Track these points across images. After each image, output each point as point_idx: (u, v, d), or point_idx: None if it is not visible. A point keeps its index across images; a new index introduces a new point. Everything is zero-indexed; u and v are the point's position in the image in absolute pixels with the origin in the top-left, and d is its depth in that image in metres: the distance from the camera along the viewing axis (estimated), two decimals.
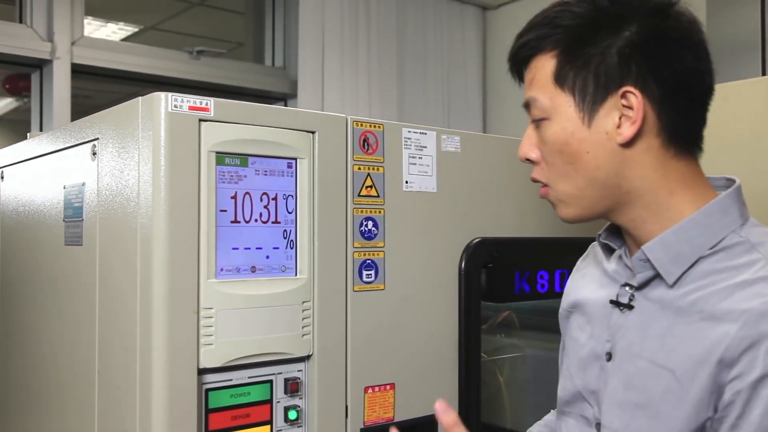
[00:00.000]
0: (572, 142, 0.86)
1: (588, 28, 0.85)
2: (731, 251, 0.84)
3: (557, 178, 0.89)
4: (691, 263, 0.84)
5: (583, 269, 1.06)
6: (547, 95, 0.88)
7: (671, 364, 0.83)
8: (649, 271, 0.88)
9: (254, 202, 1.10)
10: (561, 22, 0.87)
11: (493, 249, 1.38)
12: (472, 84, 3.91)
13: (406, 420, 1.27)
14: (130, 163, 1.07)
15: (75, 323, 1.26)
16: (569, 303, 1.05)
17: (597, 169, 0.86)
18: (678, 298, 0.85)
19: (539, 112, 0.89)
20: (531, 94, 0.89)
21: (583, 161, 0.86)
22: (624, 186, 0.87)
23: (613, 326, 0.93)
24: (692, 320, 0.83)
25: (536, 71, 0.89)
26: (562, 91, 0.87)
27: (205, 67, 3.26)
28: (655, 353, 0.85)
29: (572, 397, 0.99)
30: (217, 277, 1.06)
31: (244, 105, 1.10)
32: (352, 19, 3.45)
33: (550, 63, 0.88)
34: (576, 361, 1.00)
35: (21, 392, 1.51)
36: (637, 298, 0.90)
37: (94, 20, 4.00)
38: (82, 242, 1.23)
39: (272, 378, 1.12)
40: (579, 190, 0.88)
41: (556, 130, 0.87)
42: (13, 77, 3.61)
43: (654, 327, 0.87)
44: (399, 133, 1.29)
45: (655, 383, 0.84)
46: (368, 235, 1.23)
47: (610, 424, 0.88)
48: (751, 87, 1.80)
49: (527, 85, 0.91)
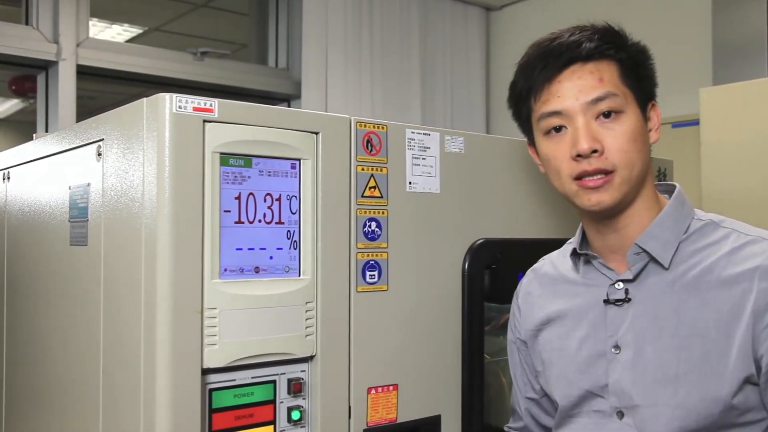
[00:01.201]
0: (642, 133, 1.04)
1: (642, 47, 1.08)
2: (701, 232, 1.04)
3: (626, 163, 1.02)
4: (675, 247, 1.03)
5: (537, 292, 1.20)
6: (620, 92, 1.03)
7: (699, 330, 0.97)
8: (641, 261, 1.04)
9: (258, 203, 1.10)
10: (627, 39, 1.07)
11: (497, 250, 1.38)
12: (476, 85, 3.91)
13: (409, 421, 1.27)
14: (135, 164, 1.08)
15: (80, 323, 1.26)
16: (538, 322, 1.17)
17: (646, 158, 1.05)
18: (678, 278, 1.01)
19: (616, 106, 1.02)
20: (609, 90, 1.02)
21: (644, 150, 1.05)
22: (644, 181, 1.05)
23: (612, 322, 1.05)
24: (701, 291, 0.99)
25: (603, 71, 1.03)
26: (629, 90, 1.04)
27: (209, 68, 3.27)
28: (677, 328, 0.99)
29: (579, 399, 1.08)
30: (220, 277, 1.06)
31: (248, 106, 1.11)
32: (355, 20, 3.45)
33: (614, 65, 1.04)
34: (573, 366, 1.09)
35: (26, 391, 1.51)
36: (631, 291, 1.05)
37: (99, 22, 4.01)
38: (87, 242, 1.23)
39: (276, 378, 1.13)
40: (636, 176, 1.03)
41: (634, 121, 1.03)
42: (19, 78, 3.63)
43: (663, 308, 1.02)
44: (402, 133, 1.29)
45: (689, 352, 0.97)
46: (371, 236, 1.23)
47: (658, 402, 0.99)
48: (758, 87, 1.80)
49: (593, 82, 1.02)
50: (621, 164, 1.01)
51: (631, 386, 1.01)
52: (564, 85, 1.03)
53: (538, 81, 1.06)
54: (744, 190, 1.69)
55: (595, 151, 1.00)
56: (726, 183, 1.75)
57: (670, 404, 0.97)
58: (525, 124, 1.13)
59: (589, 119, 1.02)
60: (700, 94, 1.90)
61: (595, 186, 1.01)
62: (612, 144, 1.01)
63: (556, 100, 1.04)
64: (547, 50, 1.05)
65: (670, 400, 0.97)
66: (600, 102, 1.01)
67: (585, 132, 1.01)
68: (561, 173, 1.05)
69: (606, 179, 1.01)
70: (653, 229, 1.04)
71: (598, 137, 1.01)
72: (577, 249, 1.12)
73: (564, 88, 1.03)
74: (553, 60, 1.04)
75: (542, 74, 1.05)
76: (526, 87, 1.08)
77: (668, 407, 0.97)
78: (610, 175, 1.01)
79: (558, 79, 1.04)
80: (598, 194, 1.02)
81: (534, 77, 1.06)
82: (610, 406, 1.04)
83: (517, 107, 1.13)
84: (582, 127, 1.01)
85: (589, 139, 1.00)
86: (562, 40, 1.05)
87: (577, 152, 1.01)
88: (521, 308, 1.22)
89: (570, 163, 1.03)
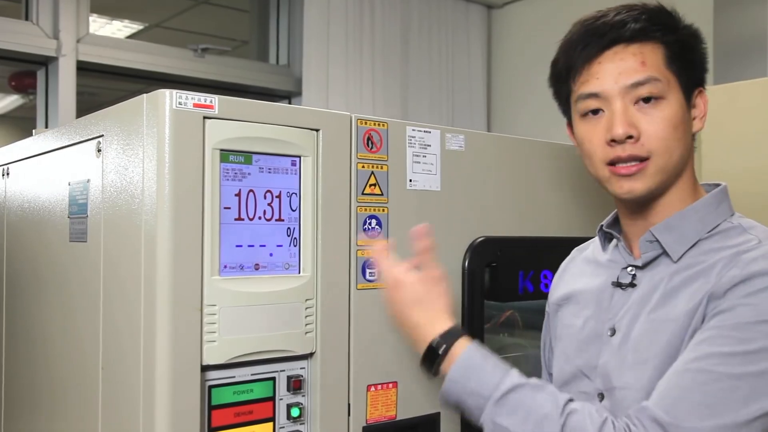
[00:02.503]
0: (684, 121, 1.00)
1: (693, 31, 1.04)
2: (726, 234, 0.99)
3: (665, 150, 0.98)
4: (692, 243, 0.99)
5: (572, 269, 1.20)
6: (664, 77, 0.99)
7: (672, 315, 0.96)
8: (655, 250, 1.01)
9: (258, 200, 1.10)
10: (678, 21, 1.03)
11: (497, 248, 1.38)
12: (477, 83, 3.90)
13: (408, 418, 1.27)
14: (135, 160, 1.08)
15: (79, 319, 1.26)
16: (559, 297, 1.18)
17: (687, 147, 1.01)
18: (682, 270, 0.99)
19: (657, 91, 0.98)
20: (651, 74, 0.98)
21: (686, 139, 1.01)
22: (682, 170, 1.02)
23: (614, 305, 1.05)
24: (694, 283, 0.96)
25: (646, 54, 0.99)
26: (673, 75, 0.99)
27: (210, 64, 3.27)
28: (656, 313, 0.98)
29: (570, 376, 1.09)
30: (220, 274, 1.06)
31: (248, 102, 1.11)
32: (356, 18, 3.44)
33: (660, 48, 0.99)
34: (575, 343, 1.09)
35: (25, 387, 1.51)
36: (638, 277, 1.03)
37: (99, 17, 4.01)
38: (86, 239, 1.23)
39: (275, 375, 1.13)
40: (675, 163, 0.99)
41: (675, 107, 0.99)
42: (19, 74, 3.63)
43: (656, 294, 0.99)
44: (403, 131, 1.29)
45: (659, 336, 0.96)
46: (372, 234, 1.23)
47: (628, 386, 0.98)
48: (758, 87, 1.80)
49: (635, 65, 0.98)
50: (657, 151, 0.97)
51: (614, 369, 1.00)
52: (604, 67, 0.99)
53: (578, 61, 1.02)
54: (745, 189, 1.69)
55: (631, 137, 0.97)
56: (727, 182, 1.75)
57: (636, 387, 0.96)
58: (564, 104, 1.09)
59: (628, 104, 0.98)
60: None
61: (628, 173, 0.98)
62: (649, 130, 0.97)
63: (594, 82, 1.00)
64: (591, 29, 1.01)
65: (637, 383, 0.96)
66: (640, 86, 0.97)
67: (621, 117, 0.97)
68: (594, 157, 1.02)
69: (640, 167, 0.98)
70: (672, 220, 1.01)
71: (634, 123, 0.97)
72: (604, 227, 1.11)
73: (604, 70, 0.99)
74: (596, 40, 1.00)
75: (583, 54, 1.01)
76: (566, 66, 1.04)
77: (634, 390, 0.96)
78: (644, 162, 0.97)
79: (599, 60, 1.00)
80: (630, 182, 0.98)
81: (574, 57, 1.02)
82: (594, 387, 1.03)
83: (557, 86, 1.10)
84: (619, 111, 0.97)
85: (624, 124, 0.97)
86: (606, 19, 1.00)
87: (611, 137, 0.98)
88: (555, 281, 1.23)
89: (604, 147, 0.99)
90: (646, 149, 0.97)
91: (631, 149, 0.97)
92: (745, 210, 1.08)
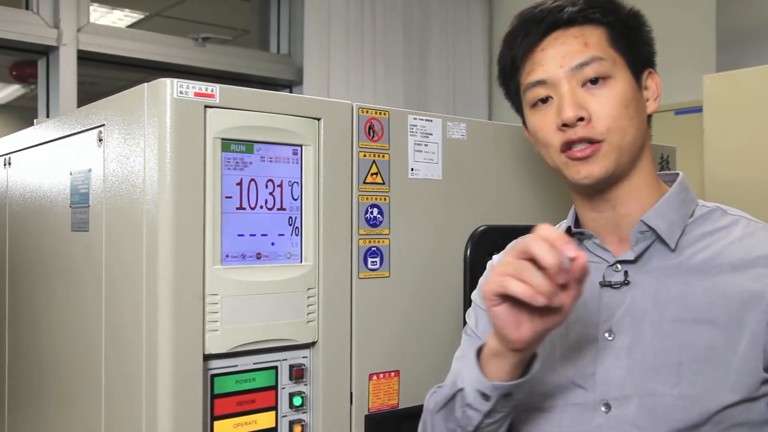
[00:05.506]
0: (635, 100, 0.98)
1: (635, 12, 1.03)
2: (708, 217, 0.99)
3: (616, 130, 0.95)
4: (681, 229, 0.97)
5: None
6: (608, 56, 0.97)
7: (706, 316, 0.91)
8: (647, 240, 0.97)
9: (260, 189, 1.10)
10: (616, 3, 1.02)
11: (499, 237, 1.38)
12: (478, 71, 3.89)
13: (410, 407, 1.27)
14: (136, 150, 1.07)
15: (81, 309, 1.26)
16: None
17: (640, 127, 0.99)
18: (685, 261, 0.95)
19: (603, 71, 0.96)
20: (594, 54, 0.96)
21: (639, 118, 0.98)
22: (639, 153, 0.99)
23: (607, 307, 0.98)
24: (710, 275, 0.93)
25: (588, 36, 0.98)
26: (618, 54, 0.98)
27: (211, 54, 3.26)
28: (681, 312, 0.93)
29: (557, 388, 0.99)
30: (222, 263, 1.06)
31: (249, 91, 1.10)
32: (357, 6, 3.43)
33: (601, 29, 0.98)
34: (558, 351, 1.00)
35: (28, 377, 1.52)
36: (632, 273, 0.98)
37: (100, 7, 4.00)
38: (88, 228, 1.23)
39: (277, 364, 1.13)
40: (629, 144, 0.97)
41: (625, 86, 0.97)
42: (19, 64, 3.62)
43: (666, 291, 0.94)
44: (405, 120, 1.28)
45: (694, 338, 0.91)
46: (373, 223, 1.23)
47: (657, 392, 0.91)
48: (762, 74, 1.79)
49: (577, 47, 0.97)
50: (609, 131, 0.95)
51: (625, 375, 0.93)
52: (547, 53, 0.98)
53: (520, 51, 1.01)
54: (747, 177, 1.69)
55: (582, 119, 0.94)
56: (729, 170, 1.74)
57: (672, 394, 0.90)
58: (515, 100, 1.07)
59: (575, 86, 0.96)
60: (703, 81, 1.89)
61: (583, 156, 0.95)
62: (599, 110, 0.95)
63: (539, 69, 0.98)
64: (529, 17, 1.01)
65: (671, 390, 0.90)
66: (585, 67, 0.96)
67: (570, 99, 0.95)
68: (549, 145, 0.99)
69: (594, 148, 0.95)
70: (660, 207, 0.98)
71: (583, 104, 0.95)
72: (572, 227, 1.06)
73: (547, 56, 0.98)
74: (534, 27, 0.99)
75: (524, 43, 1.00)
76: (510, 59, 1.04)
77: (669, 397, 0.89)
78: (597, 144, 0.95)
79: (541, 47, 0.99)
80: (587, 166, 0.96)
81: (516, 48, 1.01)
82: (594, 398, 0.95)
83: (505, 83, 1.08)
84: (567, 94, 0.95)
85: (574, 107, 0.94)
86: (543, 6, 1.00)
87: (562, 121, 0.95)
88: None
89: (557, 133, 0.97)
90: (598, 131, 0.95)
91: (583, 131, 0.95)
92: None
